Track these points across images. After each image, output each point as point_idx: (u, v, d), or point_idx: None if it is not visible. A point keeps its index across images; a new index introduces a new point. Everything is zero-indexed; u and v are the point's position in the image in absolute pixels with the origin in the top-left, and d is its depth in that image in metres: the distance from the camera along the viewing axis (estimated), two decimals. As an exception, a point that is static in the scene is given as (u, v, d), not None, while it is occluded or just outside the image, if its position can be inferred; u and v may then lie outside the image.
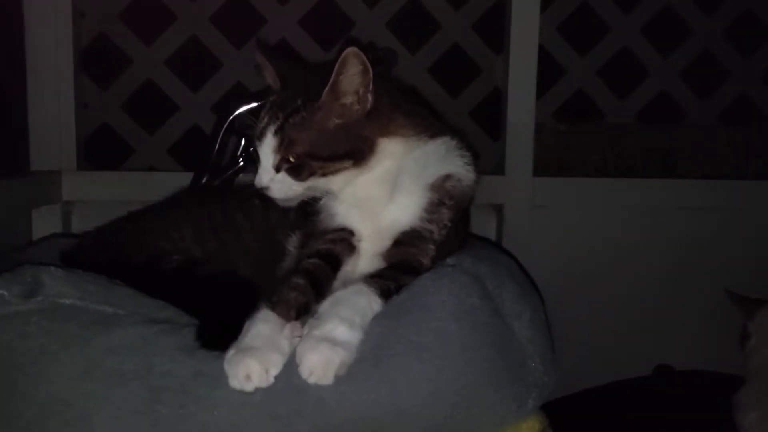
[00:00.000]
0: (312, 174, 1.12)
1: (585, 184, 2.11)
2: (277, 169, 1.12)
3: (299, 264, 1.13)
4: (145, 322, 1.01)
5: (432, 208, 1.15)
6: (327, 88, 1.10)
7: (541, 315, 1.19)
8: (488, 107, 2.20)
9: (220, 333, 0.98)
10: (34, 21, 1.89)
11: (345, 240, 1.16)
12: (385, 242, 1.15)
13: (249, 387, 0.92)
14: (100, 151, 2.11)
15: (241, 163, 1.69)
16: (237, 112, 1.65)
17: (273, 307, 1.01)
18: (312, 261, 1.12)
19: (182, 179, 1.72)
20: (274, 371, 0.93)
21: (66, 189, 1.94)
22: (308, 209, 1.20)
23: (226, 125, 1.66)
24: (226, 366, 0.93)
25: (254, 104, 1.63)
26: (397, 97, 1.20)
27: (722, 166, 2.24)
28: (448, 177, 1.17)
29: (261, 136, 1.13)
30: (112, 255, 1.23)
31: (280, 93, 1.17)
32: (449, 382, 0.99)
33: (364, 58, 1.09)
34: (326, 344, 0.94)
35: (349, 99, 1.12)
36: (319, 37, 2.15)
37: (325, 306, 1.01)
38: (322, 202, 1.18)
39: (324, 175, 1.12)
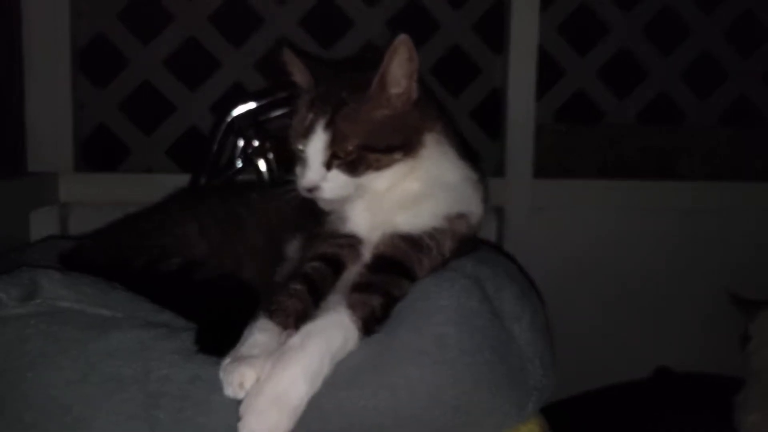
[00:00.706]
0: (368, 168, 1.10)
1: (585, 185, 2.11)
2: (328, 167, 1.10)
3: (301, 266, 1.11)
4: (143, 326, 1.01)
5: (438, 234, 1.14)
6: (377, 78, 1.09)
7: (541, 317, 1.19)
8: (488, 108, 2.20)
9: (219, 338, 0.97)
10: (31, 21, 1.88)
11: (353, 246, 1.14)
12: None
13: (242, 395, 0.90)
14: (98, 152, 2.10)
15: (240, 165, 1.68)
16: (236, 113, 1.64)
17: (271, 316, 0.99)
18: (314, 264, 1.10)
19: (180, 181, 1.71)
20: None
21: (63, 191, 1.93)
22: (315, 210, 1.18)
23: (224, 126, 1.65)
24: (221, 374, 0.92)
25: (253, 104, 1.63)
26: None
27: (722, 167, 2.24)
28: (462, 216, 1.17)
29: (308, 133, 1.10)
30: (112, 257, 1.23)
31: (317, 89, 1.15)
32: (448, 387, 0.98)
33: (412, 46, 1.09)
34: (275, 410, 0.88)
35: (398, 89, 1.11)
36: (318, 37, 2.14)
37: (295, 341, 0.94)
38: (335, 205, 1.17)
39: (378, 168, 1.10)
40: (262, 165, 1.66)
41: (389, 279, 1.08)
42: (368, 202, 1.14)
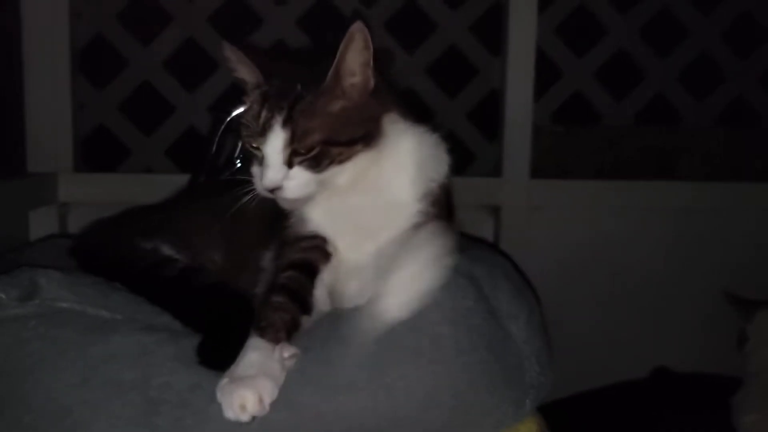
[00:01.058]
0: (331, 162, 1.05)
1: (582, 186, 2.11)
2: (289, 165, 1.04)
3: (276, 277, 1.09)
4: (143, 330, 1.01)
5: (421, 218, 1.12)
6: (332, 69, 1.05)
7: (537, 316, 1.19)
8: (486, 109, 2.20)
9: (220, 352, 0.97)
10: (30, 22, 1.89)
11: (319, 248, 1.11)
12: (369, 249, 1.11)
13: (245, 417, 0.90)
14: (97, 152, 2.11)
15: (239, 164, 1.68)
16: (234, 113, 1.64)
17: (261, 334, 0.98)
18: (287, 275, 1.08)
19: (179, 181, 1.72)
20: (268, 399, 0.92)
21: (62, 191, 1.93)
22: (280, 216, 1.15)
23: (223, 126, 1.65)
24: (220, 396, 0.91)
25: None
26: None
27: (720, 167, 2.24)
28: (433, 181, 1.15)
29: (264, 131, 1.05)
30: (116, 253, 1.22)
31: (269, 84, 1.09)
32: (446, 386, 0.99)
33: (368, 34, 1.06)
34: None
35: (354, 78, 1.07)
36: (316, 38, 2.14)
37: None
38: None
39: (341, 162, 1.06)
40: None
41: None
42: (328, 200, 1.10)
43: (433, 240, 1.04)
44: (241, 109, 1.63)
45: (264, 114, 1.06)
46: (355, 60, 1.06)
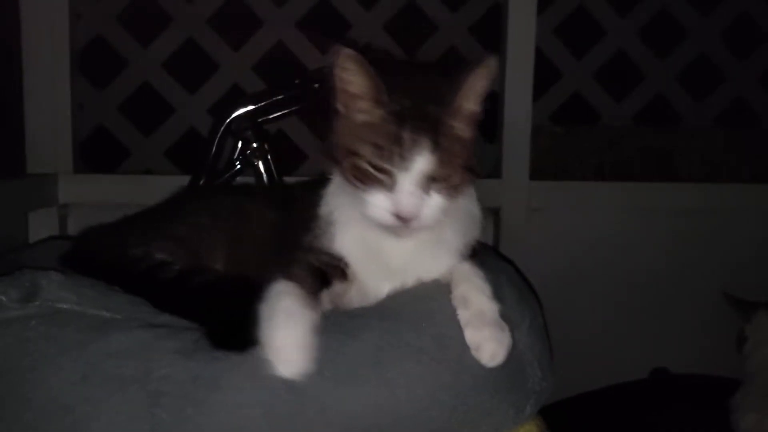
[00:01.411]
0: (464, 190, 1.04)
1: (582, 187, 2.12)
2: (426, 191, 0.99)
3: (286, 269, 1.04)
4: (142, 327, 1.01)
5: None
6: (460, 93, 1.02)
7: (539, 320, 1.19)
8: (485, 110, 2.20)
9: (233, 331, 0.97)
10: (30, 23, 1.89)
11: (338, 267, 1.07)
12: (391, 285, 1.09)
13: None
14: (97, 153, 2.11)
15: (239, 166, 1.68)
16: (234, 115, 1.65)
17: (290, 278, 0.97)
18: (297, 272, 1.02)
19: (179, 182, 1.71)
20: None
21: (62, 192, 1.93)
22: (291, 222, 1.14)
23: (223, 128, 1.66)
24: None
25: (251, 106, 1.63)
26: None
27: (719, 168, 2.24)
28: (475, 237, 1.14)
29: (407, 153, 0.98)
30: (112, 257, 1.22)
31: (398, 102, 1.01)
32: (447, 386, 0.99)
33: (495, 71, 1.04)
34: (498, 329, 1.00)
35: (475, 108, 1.04)
36: (315, 40, 2.15)
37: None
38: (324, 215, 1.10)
39: (463, 191, 1.04)
40: (260, 167, 1.66)
41: None
42: (365, 229, 1.05)
43: (484, 287, 1.05)
44: (241, 111, 1.65)
45: (407, 136, 0.98)
46: (479, 90, 1.03)
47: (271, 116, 1.66)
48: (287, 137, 2.17)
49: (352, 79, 1.01)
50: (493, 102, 2.16)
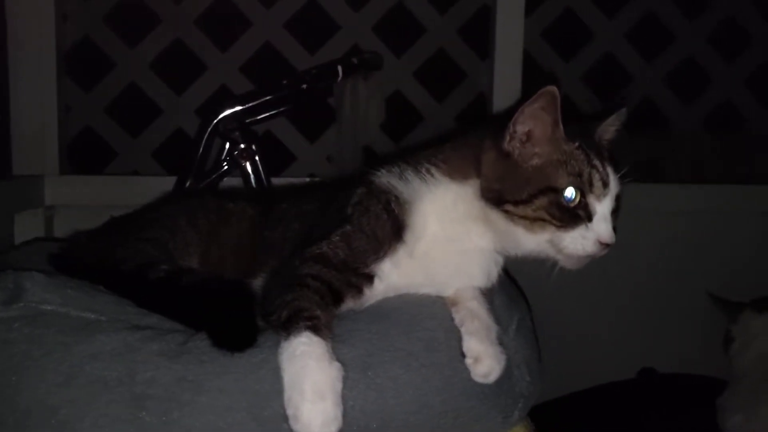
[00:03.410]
0: None
1: (570, 188, 2.12)
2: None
3: (295, 274, 1.01)
4: (127, 329, 1.00)
5: None
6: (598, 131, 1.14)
7: (528, 323, 1.19)
8: (473, 112, 2.21)
9: (234, 331, 0.97)
10: (16, 24, 1.88)
11: (359, 288, 1.04)
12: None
13: None
14: (83, 155, 2.10)
15: (226, 167, 1.68)
16: (222, 116, 1.64)
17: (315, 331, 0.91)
18: (314, 283, 0.99)
19: (166, 183, 1.71)
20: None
21: (48, 193, 1.92)
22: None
23: (210, 129, 1.65)
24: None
25: (239, 107, 1.62)
26: None
27: (706, 170, 2.26)
28: None
29: (606, 186, 1.05)
30: (101, 258, 1.22)
31: (578, 137, 1.06)
32: (436, 391, 0.99)
33: None
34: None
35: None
36: (304, 41, 2.14)
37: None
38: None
39: None
40: (248, 168, 1.65)
41: None
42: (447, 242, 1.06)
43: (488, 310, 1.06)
44: (230, 111, 1.64)
45: (606, 169, 1.06)
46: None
47: (259, 117, 1.65)
48: (276, 138, 2.16)
49: (544, 120, 1.02)
50: (482, 104, 2.17)
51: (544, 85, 1.00)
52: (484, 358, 1.00)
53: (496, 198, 1.03)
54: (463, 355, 1.01)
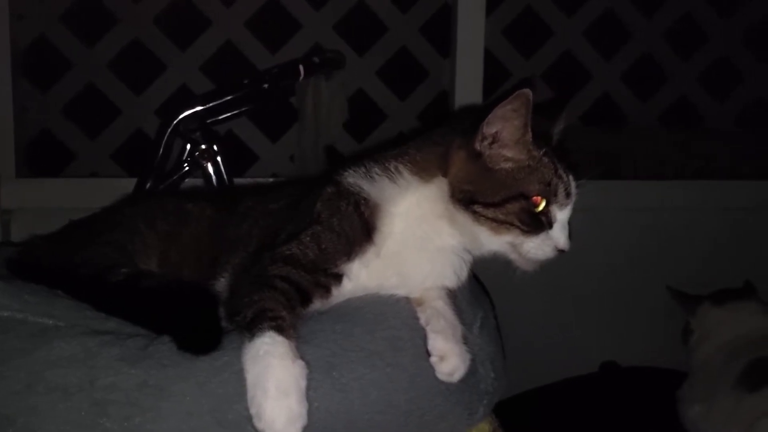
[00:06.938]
0: None
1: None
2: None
3: (263, 274, 1.00)
4: (87, 334, 0.98)
5: None
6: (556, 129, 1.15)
7: (491, 321, 1.20)
8: (435, 110, 2.22)
9: (198, 333, 0.96)
10: (-32, 23, 1.84)
11: (327, 288, 1.03)
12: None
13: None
14: (40, 157, 2.06)
15: (187, 168, 1.66)
16: (182, 116, 1.62)
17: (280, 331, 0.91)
18: (280, 297, 0.97)
19: (126, 185, 1.69)
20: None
21: (4, 197, 1.88)
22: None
23: (170, 129, 1.63)
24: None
25: (199, 107, 1.61)
26: None
27: (663, 166, 2.29)
28: None
29: (570, 195, 1.08)
30: (59, 262, 1.20)
31: (544, 144, 1.07)
32: (401, 390, 0.99)
33: None
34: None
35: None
36: (265, 40, 2.13)
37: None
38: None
39: None
40: (210, 168, 1.64)
41: None
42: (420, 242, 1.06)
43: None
44: (190, 111, 1.62)
45: (569, 179, 1.07)
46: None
47: (220, 117, 1.64)
48: (238, 138, 2.15)
49: (516, 123, 1.02)
50: (444, 102, 2.17)
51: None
52: (449, 357, 1.00)
53: (466, 198, 1.03)
54: (428, 354, 1.01)
